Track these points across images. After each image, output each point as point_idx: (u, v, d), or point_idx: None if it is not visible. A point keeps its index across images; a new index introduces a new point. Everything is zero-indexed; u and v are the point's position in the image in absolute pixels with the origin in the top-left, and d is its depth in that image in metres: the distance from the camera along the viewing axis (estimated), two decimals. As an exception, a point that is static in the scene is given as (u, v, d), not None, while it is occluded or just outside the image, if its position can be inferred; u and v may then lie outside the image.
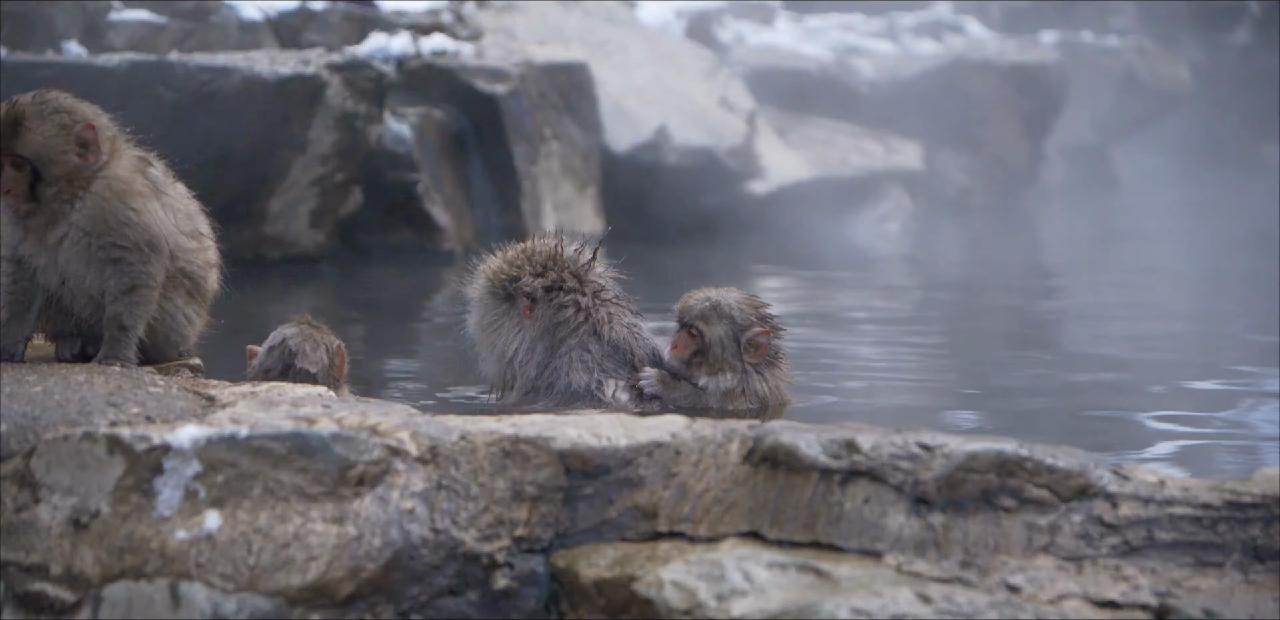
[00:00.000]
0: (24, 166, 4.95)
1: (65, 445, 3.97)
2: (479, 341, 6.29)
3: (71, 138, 4.97)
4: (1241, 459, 5.80)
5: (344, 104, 11.25)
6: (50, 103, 5.01)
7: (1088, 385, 7.42)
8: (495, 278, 6.21)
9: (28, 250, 5.04)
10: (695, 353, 6.13)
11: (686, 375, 6.15)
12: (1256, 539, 3.63)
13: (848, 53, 17.34)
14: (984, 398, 7.11)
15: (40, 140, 4.94)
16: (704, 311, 6.13)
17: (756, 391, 6.16)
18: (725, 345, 6.12)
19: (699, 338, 6.12)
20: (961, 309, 10.77)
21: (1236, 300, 10.65)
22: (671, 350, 6.14)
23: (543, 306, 6.11)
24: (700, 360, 6.14)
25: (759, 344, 6.13)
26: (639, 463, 3.86)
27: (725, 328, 6.12)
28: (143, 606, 3.80)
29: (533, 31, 14.58)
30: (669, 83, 14.82)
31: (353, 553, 3.77)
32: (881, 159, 15.76)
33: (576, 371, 6.04)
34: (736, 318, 6.13)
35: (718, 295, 6.18)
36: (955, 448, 3.72)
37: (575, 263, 6.17)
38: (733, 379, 6.13)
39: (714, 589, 3.56)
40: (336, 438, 3.92)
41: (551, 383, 6.05)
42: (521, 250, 6.23)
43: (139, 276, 5.06)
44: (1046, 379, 7.69)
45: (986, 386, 7.43)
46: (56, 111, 4.99)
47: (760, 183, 14.74)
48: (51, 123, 4.97)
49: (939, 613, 3.45)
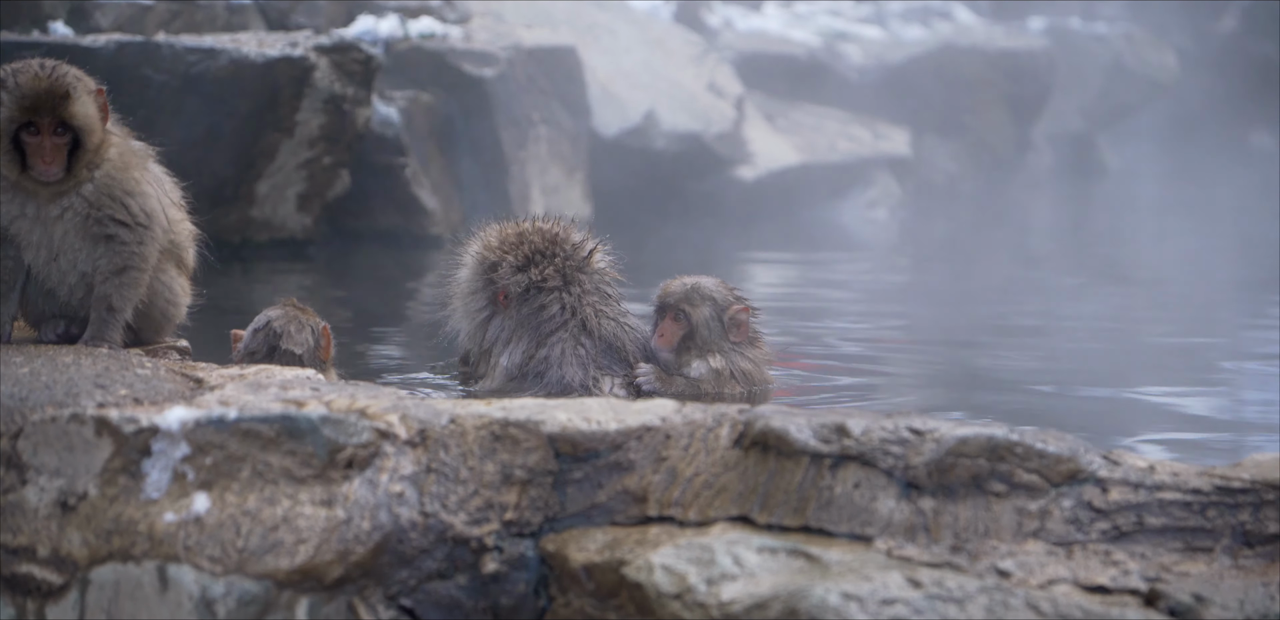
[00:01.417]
0: (65, 134, 4.94)
1: (53, 426, 3.96)
2: (457, 300, 6.26)
3: (98, 106, 5.00)
4: (1230, 445, 5.81)
5: (332, 87, 11.21)
6: (65, 69, 4.98)
7: (1072, 373, 7.43)
8: (483, 254, 6.16)
9: (23, 226, 5.01)
10: (684, 337, 6.23)
11: (677, 364, 6.25)
12: (1246, 524, 3.63)
13: (836, 38, 17.32)
14: (966, 386, 7.11)
15: (84, 110, 4.95)
16: (686, 294, 6.27)
17: (744, 370, 6.30)
18: (711, 327, 6.26)
19: (685, 321, 6.24)
20: (944, 298, 10.77)
21: (1221, 287, 10.66)
22: (659, 339, 6.22)
23: (516, 303, 6.07)
24: (690, 344, 6.25)
25: (741, 322, 6.29)
26: (629, 447, 3.85)
27: (709, 309, 6.27)
28: (130, 589, 3.79)
29: (521, 15, 14.54)
30: (657, 67, 14.79)
31: (341, 536, 3.76)
32: (869, 145, 15.76)
33: (570, 366, 6.00)
34: (718, 298, 6.29)
35: (694, 279, 6.34)
36: (946, 432, 3.72)
37: (571, 257, 6.10)
38: (721, 360, 6.27)
39: (704, 573, 3.56)
40: (325, 420, 3.91)
41: (541, 372, 6.02)
42: (517, 233, 6.15)
43: (131, 257, 5.05)
44: (1030, 366, 7.70)
45: (968, 374, 7.44)
46: (77, 78, 4.98)
47: (748, 168, 14.73)
48: (84, 92, 4.97)
49: (929, 597, 3.44)
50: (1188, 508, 3.66)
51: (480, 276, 6.15)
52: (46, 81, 4.90)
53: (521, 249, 6.08)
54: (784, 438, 3.75)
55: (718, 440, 3.84)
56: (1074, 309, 9.81)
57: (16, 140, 4.93)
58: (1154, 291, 10.70)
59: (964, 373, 7.47)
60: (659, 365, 6.22)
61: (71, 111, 4.91)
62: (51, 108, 4.90)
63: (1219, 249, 13.12)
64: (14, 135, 4.92)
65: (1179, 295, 10.42)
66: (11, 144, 4.92)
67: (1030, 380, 7.22)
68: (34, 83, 4.91)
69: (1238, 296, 10.20)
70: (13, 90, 4.90)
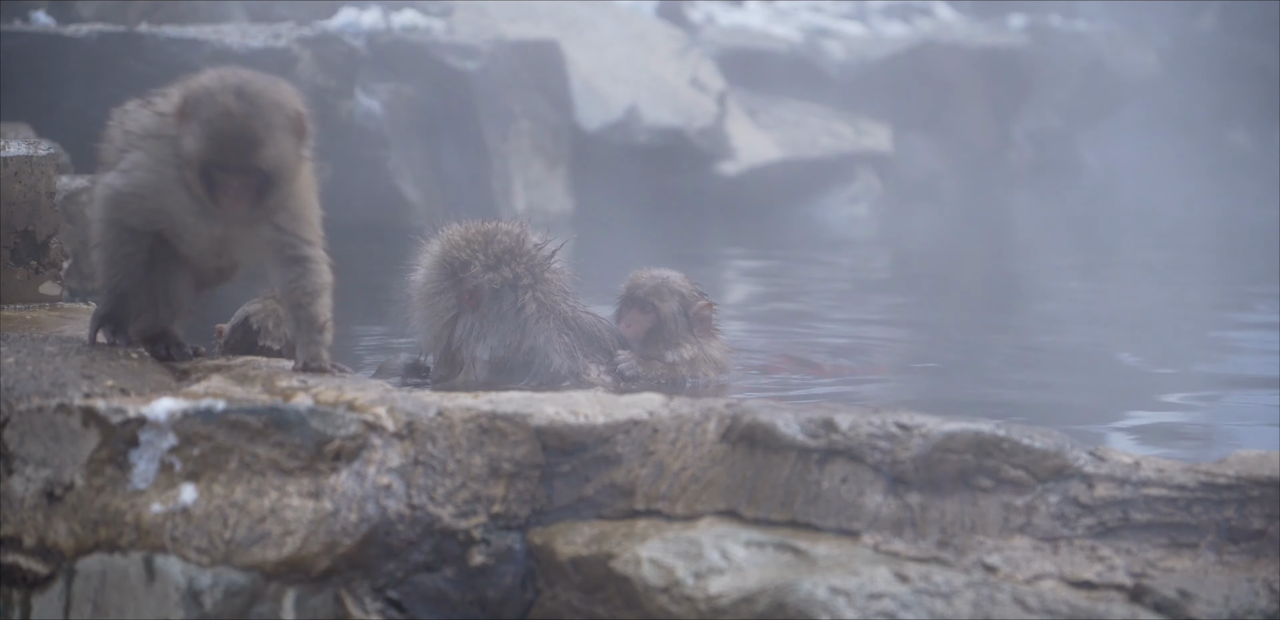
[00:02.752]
0: (256, 175, 4.37)
1: (39, 416, 3.95)
2: (417, 304, 6.28)
3: (296, 135, 4.42)
4: (1212, 441, 5.83)
5: (315, 79, 11.18)
6: (264, 97, 4.35)
7: (1054, 368, 7.44)
8: (448, 254, 6.18)
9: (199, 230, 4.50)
10: (650, 329, 6.37)
11: (648, 355, 6.36)
12: (1231, 520, 3.65)
13: (818, 34, 17.32)
14: (952, 382, 7.13)
15: (279, 151, 4.36)
16: (655, 288, 6.41)
17: (715, 359, 6.47)
18: (678, 321, 6.39)
19: (653, 314, 6.37)
20: (927, 290, 10.80)
21: (1198, 283, 10.70)
22: (627, 329, 6.35)
23: (488, 301, 6.11)
24: (657, 336, 6.38)
25: (705, 317, 6.44)
26: (616, 440, 3.85)
27: (677, 303, 6.41)
28: (117, 579, 3.78)
29: (504, 9, 14.52)
30: (640, 62, 14.78)
31: (329, 528, 3.76)
32: (851, 141, 15.76)
33: (559, 354, 6.10)
34: (685, 293, 6.44)
35: (662, 273, 6.48)
36: (933, 428, 3.73)
37: (535, 256, 6.15)
38: (691, 349, 6.41)
39: (692, 567, 3.57)
40: (313, 412, 3.91)
41: (529, 362, 6.09)
42: (484, 233, 6.18)
43: (326, 275, 4.71)
44: (1014, 363, 7.72)
45: (953, 371, 7.46)
46: (276, 107, 4.36)
47: (730, 163, 14.73)
48: (281, 128, 4.36)
49: (916, 592, 3.46)
50: (1173, 504, 3.67)
51: (448, 276, 6.17)
52: (238, 123, 4.27)
53: (491, 248, 6.12)
54: (771, 432, 3.76)
55: (705, 434, 3.85)
56: (1052, 307, 9.84)
57: (206, 170, 4.36)
58: (1130, 287, 10.73)
59: (945, 371, 7.48)
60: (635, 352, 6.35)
61: (262, 156, 4.33)
62: (240, 155, 4.31)
63: (1193, 245, 13.17)
64: (202, 167, 4.35)
65: (1151, 290, 10.45)
66: (200, 173, 4.36)
67: (1012, 375, 7.24)
68: (224, 123, 4.29)
69: (1214, 291, 10.24)
70: (203, 124, 4.31)
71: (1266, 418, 6.21)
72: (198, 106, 4.32)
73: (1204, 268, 11.74)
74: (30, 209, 6.41)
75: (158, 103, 4.55)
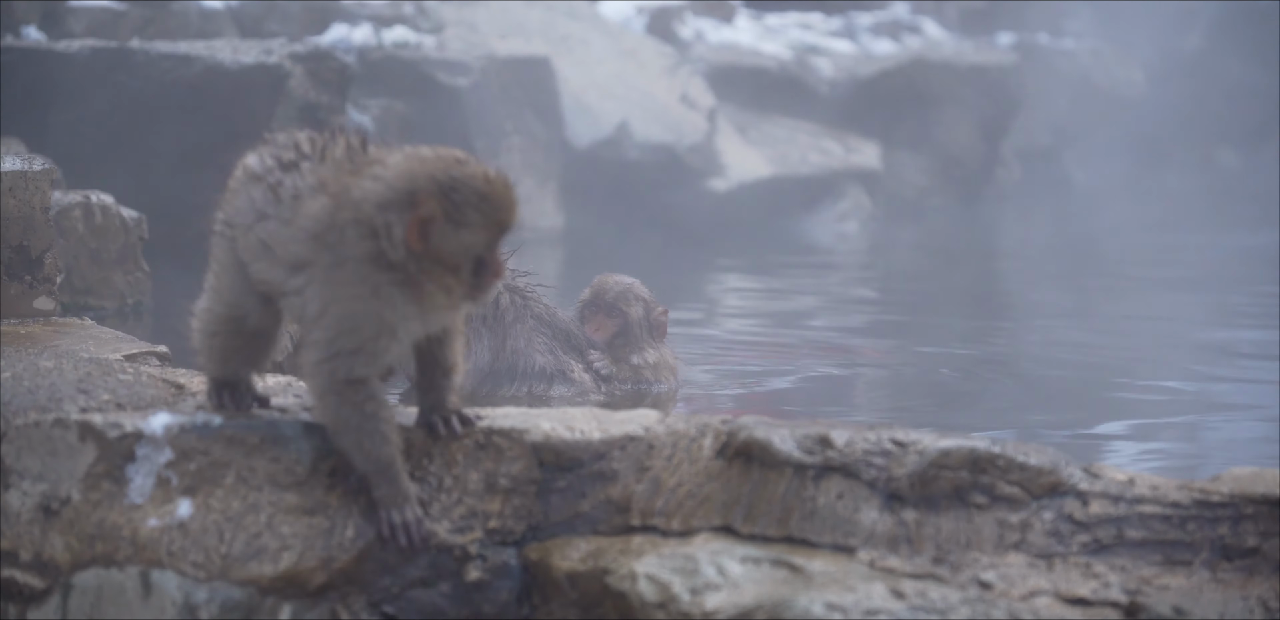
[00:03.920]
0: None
1: (36, 431, 3.95)
2: None
3: None
4: (1204, 458, 5.85)
5: (307, 94, 11.19)
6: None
7: (1049, 384, 7.47)
8: None
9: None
10: (615, 333, 6.67)
11: (616, 357, 6.69)
12: (1225, 538, 3.66)
13: (807, 52, 17.37)
14: (941, 398, 7.14)
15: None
16: (622, 293, 6.71)
17: (671, 366, 6.79)
18: (642, 325, 6.67)
19: (620, 318, 6.67)
20: (916, 309, 10.82)
21: (1186, 301, 10.73)
22: (593, 332, 6.64)
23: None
24: (622, 340, 6.67)
25: (662, 323, 6.75)
26: (612, 456, 3.86)
27: (641, 308, 6.71)
28: (113, 594, 3.78)
29: (494, 25, 14.55)
30: (630, 79, 14.82)
31: (325, 543, 3.76)
32: (841, 158, 15.80)
33: (540, 353, 6.36)
34: (647, 299, 6.74)
35: (625, 279, 6.77)
36: (928, 444, 3.74)
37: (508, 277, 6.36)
38: (654, 354, 6.72)
39: (688, 583, 3.57)
40: (310, 428, 3.91)
41: (513, 364, 6.32)
42: None
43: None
44: (1005, 380, 7.74)
45: (943, 388, 7.47)
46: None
47: (720, 180, 14.76)
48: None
49: (912, 608, 3.47)
50: (1167, 521, 3.69)
51: None
52: (512, 190, 3.92)
53: None
54: (767, 448, 3.77)
55: (701, 450, 3.86)
56: (1043, 323, 9.86)
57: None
58: (1117, 303, 10.76)
59: (934, 383, 7.50)
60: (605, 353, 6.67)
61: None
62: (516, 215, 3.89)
63: (1180, 263, 13.20)
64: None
65: (1139, 307, 10.48)
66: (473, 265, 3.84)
67: (1000, 393, 7.25)
68: (506, 194, 3.89)
69: (1203, 308, 10.27)
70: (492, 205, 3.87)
71: (1260, 434, 6.23)
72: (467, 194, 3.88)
73: (1192, 284, 11.77)
74: (25, 224, 6.42)
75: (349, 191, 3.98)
